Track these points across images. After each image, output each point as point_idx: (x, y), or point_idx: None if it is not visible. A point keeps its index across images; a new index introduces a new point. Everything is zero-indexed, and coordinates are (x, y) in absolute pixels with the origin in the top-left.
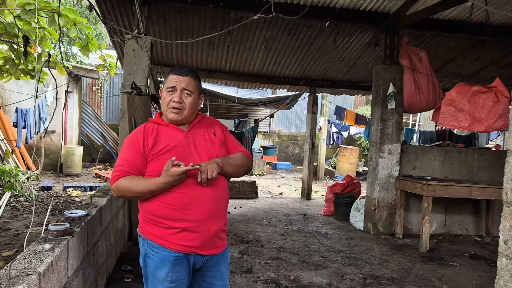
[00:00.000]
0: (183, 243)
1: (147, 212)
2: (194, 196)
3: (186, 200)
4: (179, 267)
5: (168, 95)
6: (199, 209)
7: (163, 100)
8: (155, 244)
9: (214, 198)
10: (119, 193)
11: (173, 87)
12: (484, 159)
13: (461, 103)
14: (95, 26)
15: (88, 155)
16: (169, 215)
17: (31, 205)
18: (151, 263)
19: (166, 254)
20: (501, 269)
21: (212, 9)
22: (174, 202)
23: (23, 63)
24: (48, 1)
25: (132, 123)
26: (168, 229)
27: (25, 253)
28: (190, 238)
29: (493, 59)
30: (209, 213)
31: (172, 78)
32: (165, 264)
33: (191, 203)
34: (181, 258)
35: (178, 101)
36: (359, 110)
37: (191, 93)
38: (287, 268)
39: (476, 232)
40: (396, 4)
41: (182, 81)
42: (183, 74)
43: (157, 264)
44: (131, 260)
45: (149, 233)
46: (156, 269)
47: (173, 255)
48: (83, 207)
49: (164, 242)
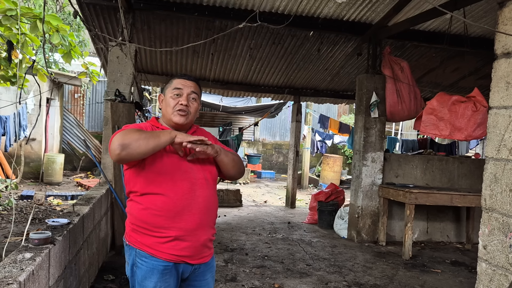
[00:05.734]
0: (173, 252)
1: (138, 220)
2: (186, 205)
3: (178, 208)
4: (168, 277)
5: (174, 98)
6: (190, 217)
7: (167, 104)
8: (144, 253)
9: (205, 207)
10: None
11: (179, 90)
12: (464, 167)
13: (441, 112)
14: (78, 33)
15: (69, 163)
16: (160, 223)
17: (10, 215)
18: (139, 272)
19: (155, 263)
20: (481, 273)
21: (197, 17)
22: (166, 210)
23: (3, 70)
24: (30, 7)
25: (115, 130)
26: (158, 238)
27: (5, 262)
28: (181, 247)
29: (471, 70)
30: (200, 222)
31: (178, 81)
32: (154, 273)
33: (182, 211)
34: (170, 268)
35: (186, 104)
36: (343, 119)
37: (197, 97)
38: (272, 276)
39: (457, 239)
40: (378, 15)
41: (189, 85)
42: (190, 79)
43: (146, 274)
44: (114, 269)
45: (137, 242)
46: (144, 279)
47: (163, 264)
48: (65, 215)
49: (154, 251)
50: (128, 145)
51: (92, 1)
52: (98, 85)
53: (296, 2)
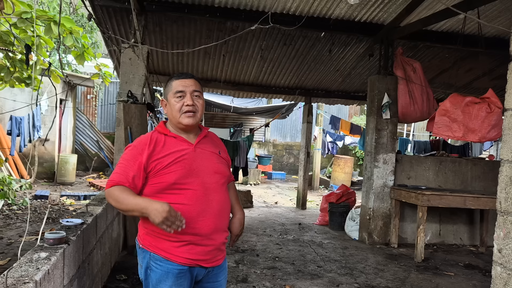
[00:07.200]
0: (188, 256)
1: (151, 225)
2: (200, 210)
3: (193, 214)
4: (183, 280)
5: (178, 100)
6: (205, 222)
7: (172, 107)
8: (159, 257)
9: (219, 210)
10: (109, 200)
11: (182, 91)
12: (478, 169)
13: (455, 113)
14: (91, 35)
15: (81, 164)
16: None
17: (24, 214)
18: (154, 276)
19: (170, 267)
20: (496, 277)
21: (209, 18)
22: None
23: (18, 71)
24: (44, 9)
25: (128, 131)
26: (173, 242)
27: (21, 261)
28: (195, 251)
29: (485, 70)
30: (215, 227)
31: (178, 83)
32: (168, 277)
33: (197, 216)
34: (185, 271)
35: (191, 103)
36: (354, 120)
37: (200, 94)
38: (283, 278)
39: (471, 241)
40: (390, 15)
41: (190, 84)
42: (187, 77)
43: (160, 277)
44: (126, 269)
45: (152, 245)
46: (159, 282)
47: (178, 268)
48: (78, 215)
49: (168, 255)
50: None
51: (105, 4)
52: (110, 86)
53: (307, 3)
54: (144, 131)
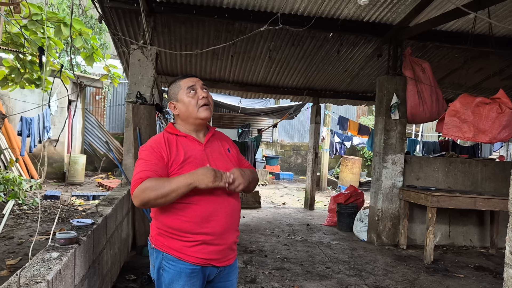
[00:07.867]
0: (200, 255)
1: (164, 225)
2: (213, 210)
3: (206, 214)
4: (195, 280)
5: (192, 95)
6: (218, 222)
7: (187, 105)
8: (171, 257)
9: (230, 210)
10: (143, 196)
11: (193, 85)
12: (488, 170)
13: (465, 114)
14: (100, 36)
15: (90, 164)
16: (188, 229)
17: (35, 214)
18: (167, 276)
19: (182, 266)
20: (508, 280)
21: (217, 20)
22: (193, 216)
23: (28, 73)
24: (54, 11)
25: (137, 132)
26: (186, 242)
27: (34, 261)
28: (208, 251)
29: (496, 70)
30: (227, 226)
31: (186, 80)
32: (181, 277)
33: (210, 217)
34: (197, 271)
35: (206, 95)
36: (362, 121)
37: (207, 90)
38: (291, 279)
39: (481, 243)
40: (399, 16)
41: (197, 80)
42: (192, 75)
43: (173, 277)
44: (135, 269)
45: (164, 245)
46: (172, 282)
47: (190, 267)
48: (88, 215)
49: (181, 255)
50: (147, 203)
51: (114, 5)
52: (119, 87)
53: (316, 3)
54: (153, 131)
